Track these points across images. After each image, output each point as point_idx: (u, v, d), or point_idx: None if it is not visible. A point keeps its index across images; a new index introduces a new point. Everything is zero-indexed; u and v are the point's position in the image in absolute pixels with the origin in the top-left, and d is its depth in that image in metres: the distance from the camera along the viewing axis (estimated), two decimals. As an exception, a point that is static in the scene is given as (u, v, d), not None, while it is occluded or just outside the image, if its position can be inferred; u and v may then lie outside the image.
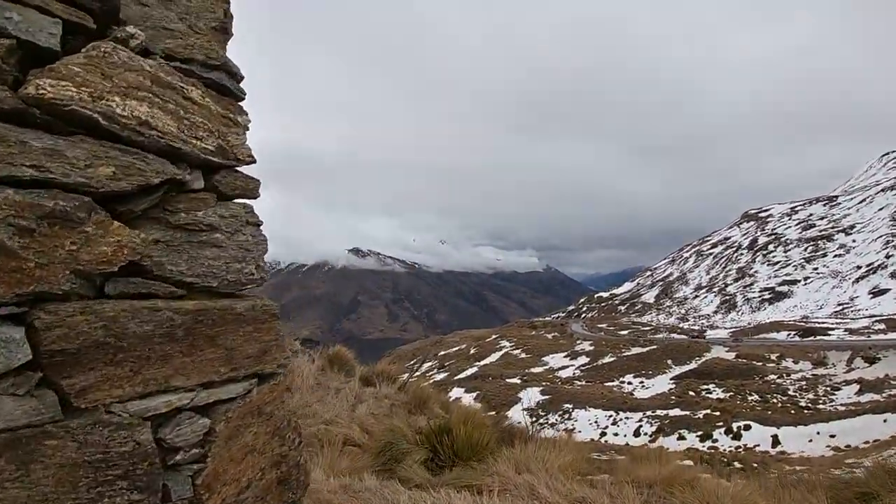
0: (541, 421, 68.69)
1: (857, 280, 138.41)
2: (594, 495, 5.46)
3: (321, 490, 5.28)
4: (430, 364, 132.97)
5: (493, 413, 67.41)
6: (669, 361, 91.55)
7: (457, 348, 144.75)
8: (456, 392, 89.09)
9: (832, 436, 53.44)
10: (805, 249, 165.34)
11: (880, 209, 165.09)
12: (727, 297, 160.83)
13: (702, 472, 8.51)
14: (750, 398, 69.67)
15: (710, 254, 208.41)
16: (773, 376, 77.15)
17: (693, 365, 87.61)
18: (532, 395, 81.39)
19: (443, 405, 17.01)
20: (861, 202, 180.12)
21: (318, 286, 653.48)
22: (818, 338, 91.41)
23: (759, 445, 54.94)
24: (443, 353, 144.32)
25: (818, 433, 54.68)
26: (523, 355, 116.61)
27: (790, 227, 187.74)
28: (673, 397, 74.50)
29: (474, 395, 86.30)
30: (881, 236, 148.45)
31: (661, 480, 6.66)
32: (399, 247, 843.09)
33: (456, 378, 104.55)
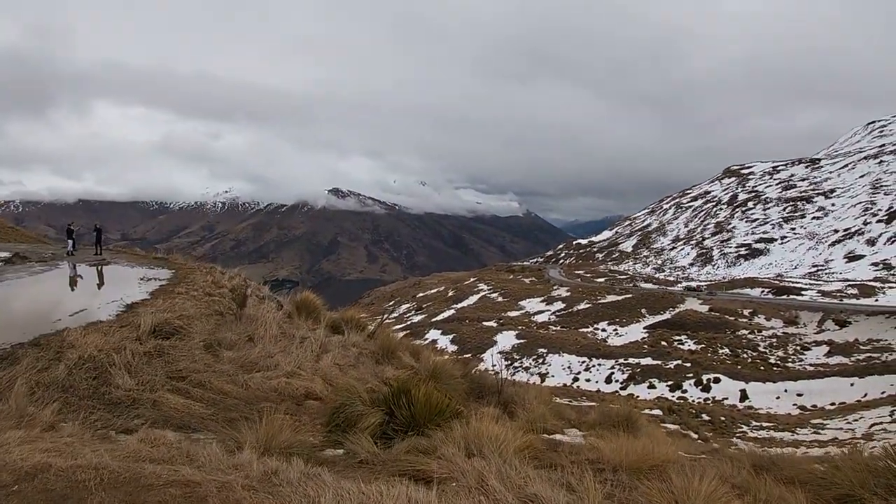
0: (515, 365, 69.66)
1: (833, 244, 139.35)
2: (549, 492, 5.21)
3: (234, 484, 4.97)
4: (407, 306, 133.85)
5: (469, 356, 68.13)
6: (644, 310, 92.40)
7: (435, 290, 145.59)
8: (433, 334, 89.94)
9: (799, 394, 54.47)
10: (784, 209, 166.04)
11: (861, 176, 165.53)
12: (704, 251, 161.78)
13: (672, 445, 8.34)
14: (721, 351, 70.67)
15: (690, 206, 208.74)
16: (744, 332, 78.08)
17: (667, 315, 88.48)
18: (507, 339, 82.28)
19: (413, 352, 16.91)
20: (843, 167, 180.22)
21: (297, 226, 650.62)
22: (791, 297, 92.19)
23: (727, 399, 55.93)
24: (421, 294, 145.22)
25: (785, 391, 55.65)
26: (500, 299, 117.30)
27: (771, 185, 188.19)
28: (645, 346, 75.64)
29: (450, 337, 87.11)
30: (860, 203, 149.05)
31: (627, 465, 6.43)
32: (379, 188, 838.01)
33: (433, 320, 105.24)
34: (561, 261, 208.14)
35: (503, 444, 6.37)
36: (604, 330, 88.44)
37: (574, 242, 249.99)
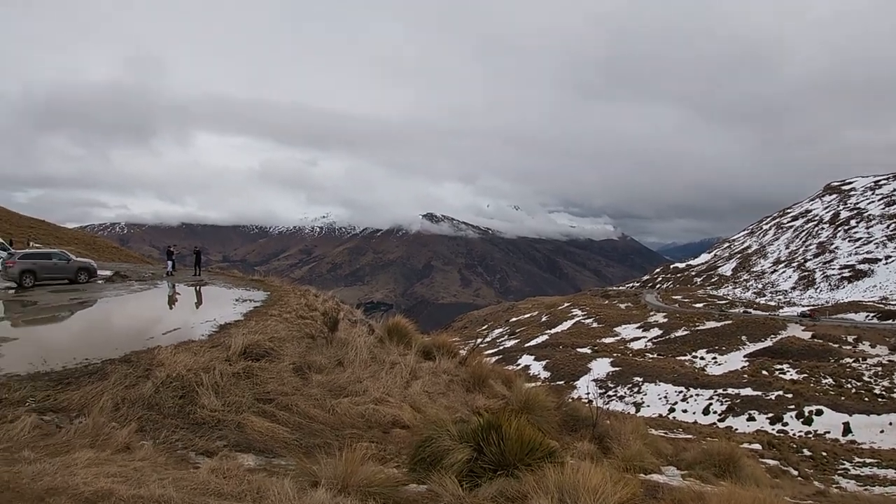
0: (609, 394, 68.11)
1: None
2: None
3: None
4: (500, 331, 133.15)
5: (562, 383, 67.12)
6: (744, 338, 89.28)
7: (528, 315, 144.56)
8: (525, 360, 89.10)
9: (905, 428, 51.44)
10: (888, 227, 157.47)
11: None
12: (806, 273, 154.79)
13: (777, 490, 7.68)
14: (824, 381, 67.55)
15: (791, 227, 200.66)
16: (848, 359, 74.59)
17: (768, 343, 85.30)
18: (602, 367, 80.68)
19: (505, 380, 16.42)
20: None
21: (392, 251, 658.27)
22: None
23: (829, 432, 53.35)
24: (514, 319, 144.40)
25: (890, 424, 52.69)
26: (595, 325, 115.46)
27: (873, 201, 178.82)
28: (745, 376, 72.78)
29: (543, 363, 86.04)
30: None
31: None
32: (473, 212, 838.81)
33: (526, 346, 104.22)
34: (658, 285, 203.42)
35: (601, 498, 5.66)
36: (702, 358, 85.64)
37: (671, 266, 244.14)
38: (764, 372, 73.01)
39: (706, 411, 63.26)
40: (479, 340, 26.01)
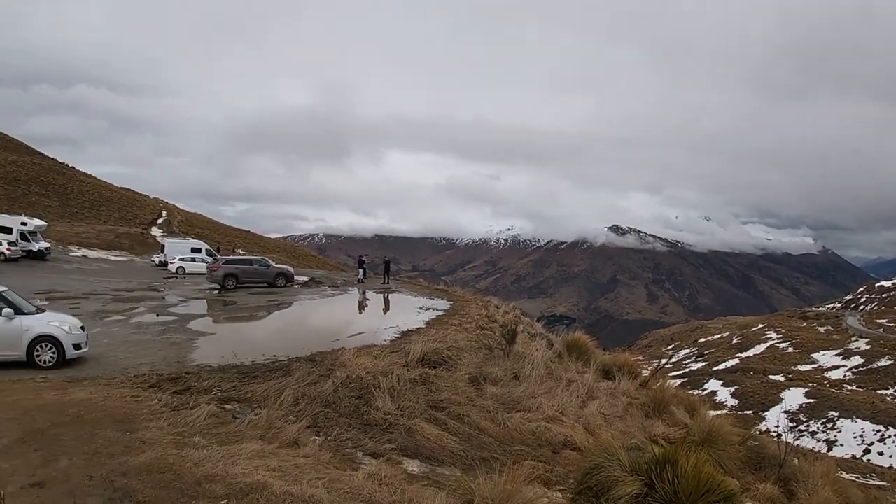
0: (800, 428, 63.75)
1: None
2: None
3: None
4: (687, 351, 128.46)
5: (750, 413, 63.66)
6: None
7: (718, 336, 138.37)
8: (712, 385, 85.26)
9: None
10: None
11: None
12: None
13: None
14: None
15: None
16: None
17: None
18: (795, 397, 75.54)
19: (688, 406, 15.69)
20: None
21: (576, 263, 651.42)
22: None
23: None
24: (702, 340, 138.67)
25: None
26: (790, 349, 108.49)
27: None
28: (959, 417, 65.26)
29: (731, 390, 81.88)
30: None
31: None
32: (660, 224, 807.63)
33: (714, 369, 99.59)
34: (861, 306, 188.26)
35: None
36: (907, 393, 77.98)
37: (876, 285, 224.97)
38: (983, 413, 65.39)
39: (906, 457, 57.69)
40: (663, 361, 25.10)
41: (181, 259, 46.89)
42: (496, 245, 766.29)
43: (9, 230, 44.71)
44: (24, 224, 46.45)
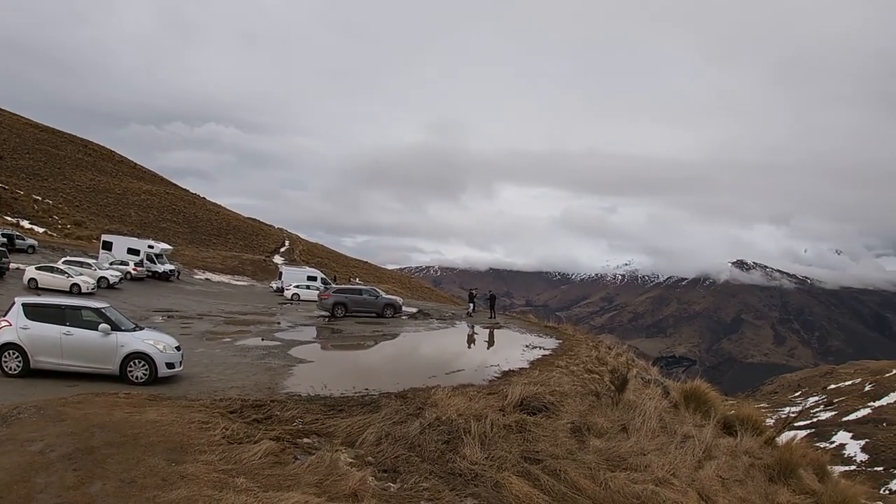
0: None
1: None
2: None
3: None
4: (815, 399, 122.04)
5: (881, 470, 59.54)
6: None
7: (849, 382, 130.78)
8: (841, 437, 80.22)
9: None
10: None
11: None
12: None
13: None
14: None
15: None
16: None
17: None
18: (933, 454, 70.03)
19: (818, 468, 14.19)
20: None
21: (697, 301, 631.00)
22: None
23: None
24: (832, 387, 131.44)
25: None
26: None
27: None
28: None
29: (861, 444, 76.66)
30: None
31: None
32: (788, 258, 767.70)
33: (843, 419, 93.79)
34: None
35: None
36: None
37: None
38: None
39: None
40: (789, 411, 23.29)
41: (296, 286, 48.53)
42: (613, 281, 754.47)
43: (136, 252, 47.95)
44: (150, 247, 49.89)
